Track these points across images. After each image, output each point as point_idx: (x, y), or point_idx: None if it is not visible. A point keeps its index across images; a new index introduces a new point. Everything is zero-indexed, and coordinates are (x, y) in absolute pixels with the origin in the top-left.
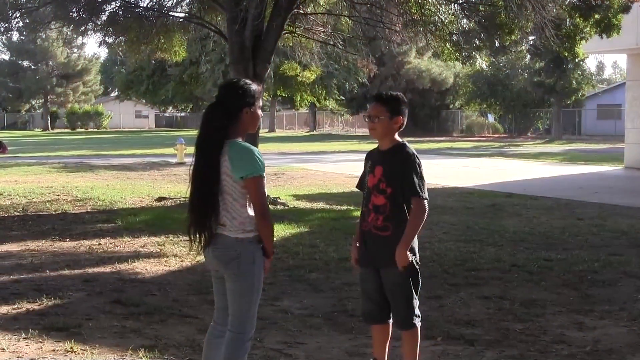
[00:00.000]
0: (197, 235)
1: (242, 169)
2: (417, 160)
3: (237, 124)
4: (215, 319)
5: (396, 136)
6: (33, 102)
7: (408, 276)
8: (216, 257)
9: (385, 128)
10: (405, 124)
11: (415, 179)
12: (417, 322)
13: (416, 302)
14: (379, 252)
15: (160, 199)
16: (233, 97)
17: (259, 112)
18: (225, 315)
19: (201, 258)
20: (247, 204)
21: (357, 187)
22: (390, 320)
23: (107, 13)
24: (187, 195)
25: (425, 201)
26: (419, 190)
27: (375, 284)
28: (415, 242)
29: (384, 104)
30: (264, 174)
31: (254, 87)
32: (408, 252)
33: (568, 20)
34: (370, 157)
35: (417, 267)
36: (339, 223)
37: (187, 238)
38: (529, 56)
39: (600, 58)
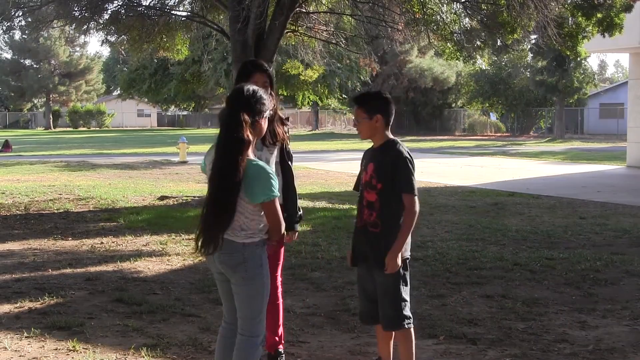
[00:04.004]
0: (206, 244)
1: (260, 195)
2: (409, 157)
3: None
4: (225, 319)
5: (387, 133)
6: (35, 101)
7: (396, 277)
8: (223, 262)
9: (367, 129)
10: (390, 119)
11: (407, 177)
12: (407, 324)
13: (405, 304)
14: (369, 250)
15: (162, 197)
16: (252, 106)
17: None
18: (235, 315)
19: (203, 257)
20: (259, 218)
21: (354, 188)
22: None
23: (109, 12)
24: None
25: (417, 198)
26: (411, 187)
27: (373, 283)
28: (408, 239)
29: (360, 105)
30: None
31: (267, 94)
32: (399, 257)
33: (570, 19)
34: (365, 155)
35: (407, 264)
36: (341, 222)
37: (195, 243)
38: (531, 55)
39: (603, 57)
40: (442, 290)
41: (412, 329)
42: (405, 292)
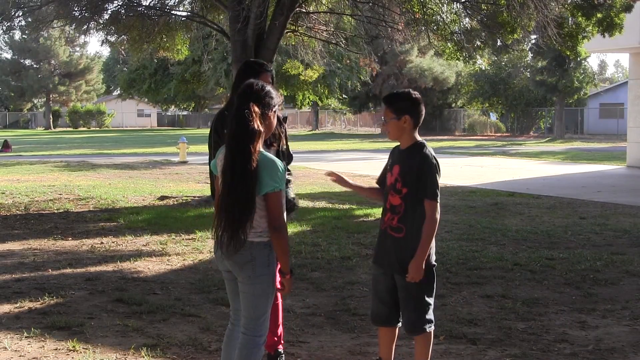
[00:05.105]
0: (228, 243)
1: (267, 185)
2: (435, 162)
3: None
4: (231, 320)
5: (415, 134)
6: (35, 101)
7: (420, 282)
8: (231, 259)
9: (395, 130)
10: (419, 120)
11: (431, 182)
12: (428, 327)
13: (429, 308)
14: (391, 255)
15: (162, 197)
16: (261, 99)
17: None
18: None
19: (203, 256)
20: (265, 214)
21: (376, 182)
22: (399, 324)
23: (109, 12)
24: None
25: (438, 205)
26: (434, 193)
27: (388, 286)
28: (433, 244)
29: (389, 105)
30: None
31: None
32: (422, 265)
33: (570, 19)
34: (392, 154)
35: (434, 269)
36: (341, 222)
37: (215, 240)
38: (531, 55)
39: (603, 57)
40: (442, 290)
41: (432, 332)
42: (430, 296)
